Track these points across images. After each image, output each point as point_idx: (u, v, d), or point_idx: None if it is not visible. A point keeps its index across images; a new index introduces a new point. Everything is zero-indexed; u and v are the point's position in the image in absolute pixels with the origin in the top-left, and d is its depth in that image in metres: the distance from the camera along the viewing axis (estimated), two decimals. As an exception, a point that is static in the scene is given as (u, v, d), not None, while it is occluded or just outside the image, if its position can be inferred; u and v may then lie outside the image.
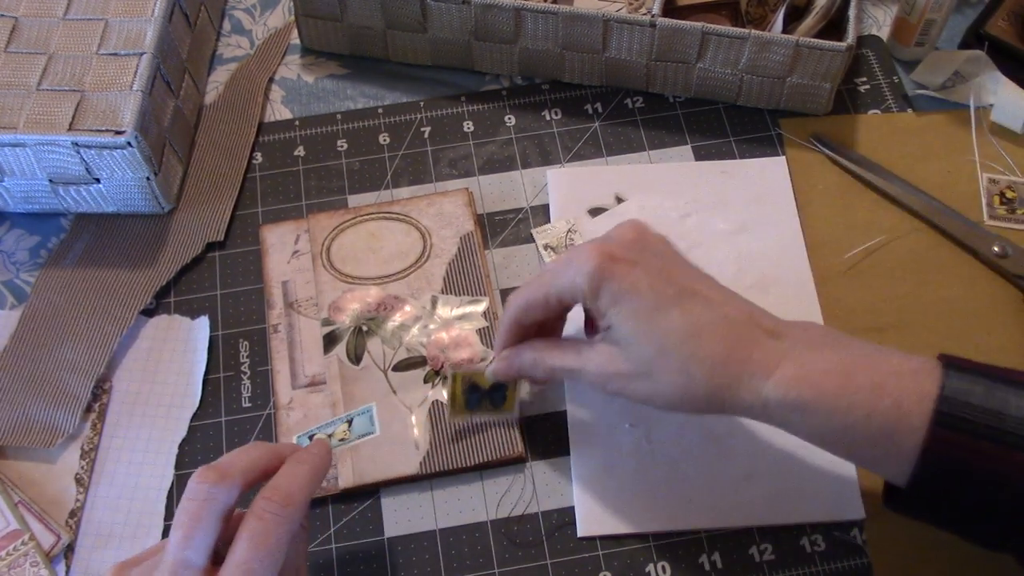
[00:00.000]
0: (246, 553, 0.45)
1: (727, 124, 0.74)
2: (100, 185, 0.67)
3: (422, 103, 0.76)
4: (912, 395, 0.45)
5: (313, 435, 0.61)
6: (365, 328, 0.65)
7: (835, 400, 0.47)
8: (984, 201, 0.70)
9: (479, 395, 0.61)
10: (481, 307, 0.66)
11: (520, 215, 0.71)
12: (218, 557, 0.47)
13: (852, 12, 0.70)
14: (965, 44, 0.77)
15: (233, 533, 0.47)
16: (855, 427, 0.46)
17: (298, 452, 0.52)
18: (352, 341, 0.65)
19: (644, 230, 0.54)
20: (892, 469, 0.47)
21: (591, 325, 0.58)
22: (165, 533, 0.60)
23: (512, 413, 0.61)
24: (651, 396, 0.52)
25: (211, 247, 0.70)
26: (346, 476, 0.60)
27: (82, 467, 0.62)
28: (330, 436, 0.61)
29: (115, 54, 0.67)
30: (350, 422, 0.61)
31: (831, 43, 0.68)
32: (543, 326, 0.58)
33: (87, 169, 0.66)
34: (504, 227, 0.70)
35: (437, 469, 0.61)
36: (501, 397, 0.61)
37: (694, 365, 0.49)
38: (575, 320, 0.60)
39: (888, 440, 0.46)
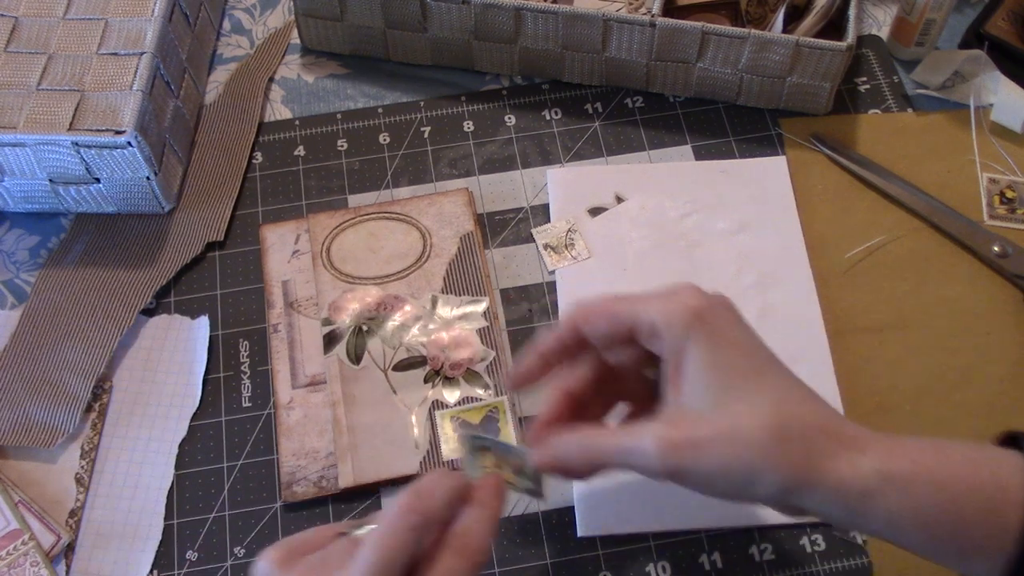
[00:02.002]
0: None
1: (727, 124, 0.74)
2: (100, 185, 0.67)
3: (422, 103, 0.76)
4: (1006, 467, 0.43)
5: (484, 446, 0.51)
6: (365, 328, 0.65)
7: (934, 471, 0.43)
8: (984, 201, 0.70)
9: (472, 431, 0.62)
10: (481, 307, 0.66)
11: (520, 215, 0.71)
12: None
13: (852, 12, 0.70)
14: (965, 44, 0.77)
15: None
16: (959, 502, 0.43)
17: (482, 496, 0.46)
18: (352, 341, 0.65)
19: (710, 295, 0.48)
20: (993, 557, 0.43)
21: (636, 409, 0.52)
22: (165, 533, 0.60)
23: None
24: (725, 468, 0.44)
25: (211, 247, 0.70)
26: (346, 476, 0.60)
27: (82, 467, 0.62)
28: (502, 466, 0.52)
29: (115, 54, 0.67)
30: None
31: (831, 43, 0.68)
32: (579, 405, 0.51)
33: (87, 169, 0.66)
34: (504, 227, 0.70)
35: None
36: (494, 430, 0.62)
37: (793, 430, 0.44)
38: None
39: (992, 516, 0.42)
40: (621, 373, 0.51)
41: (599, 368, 0.51)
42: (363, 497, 0.61)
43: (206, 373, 0.65)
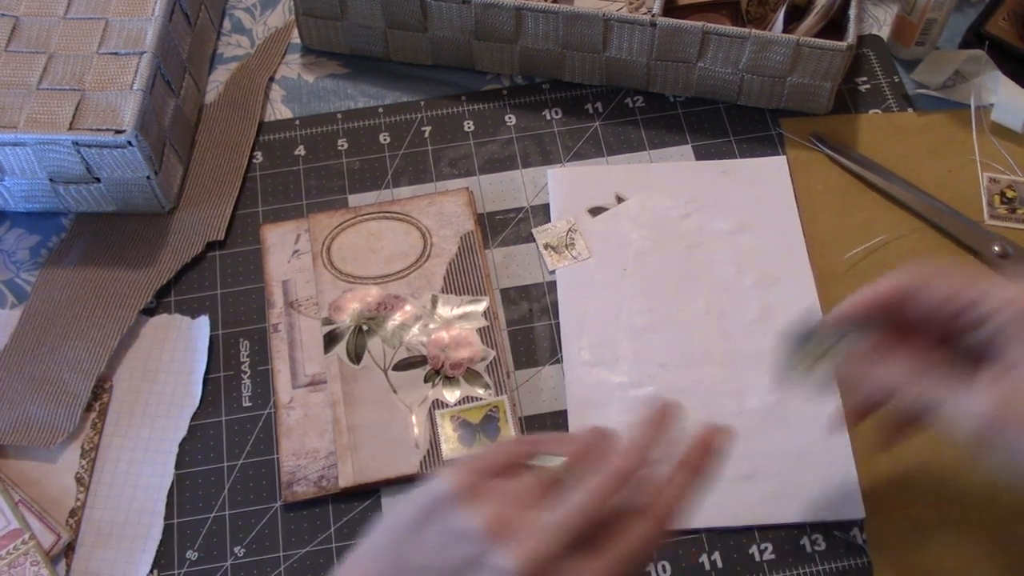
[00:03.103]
0: (630, 548, 0.43)
1: (727, 124, 0.74)
2: (100, 184, 0.67)
3: (422, 103, 0.76)
4: None
5: (807, 335, 0.52)
6: (365, 327, 0.65)
7: None
8: (984, 201, 0.70)
9: (472, 430, 0.62)
10: (481, 306, 0.66)
11: (520, 214, 0.71)
12: None
13: (852, 12, 0.70)
14: (965, 43, 0.77)
15: None
16: None
17: (690, 458, 0.47)
18: (352, 340, 0.65)
19: None
20: None
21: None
22: (165, 533, 0.60)
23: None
24: None
25: (211, 246, 0.70)
26: (346, 476, 0.60)
27: (82, 466, 0.62)
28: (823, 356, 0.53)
29: (115, 53, 0.67)
30: None
31: (831, 43, 0.68)
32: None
33: (87, 168, 0.66)
34: (504, 226, 0.70)
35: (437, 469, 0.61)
36: (494, 429, 0.61)
37: None
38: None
39: None
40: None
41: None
42: (363, 497, 0.61)
43: (206, 373, 0.65)
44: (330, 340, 0.65)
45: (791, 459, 0.61)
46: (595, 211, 0.70)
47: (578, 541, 0.42)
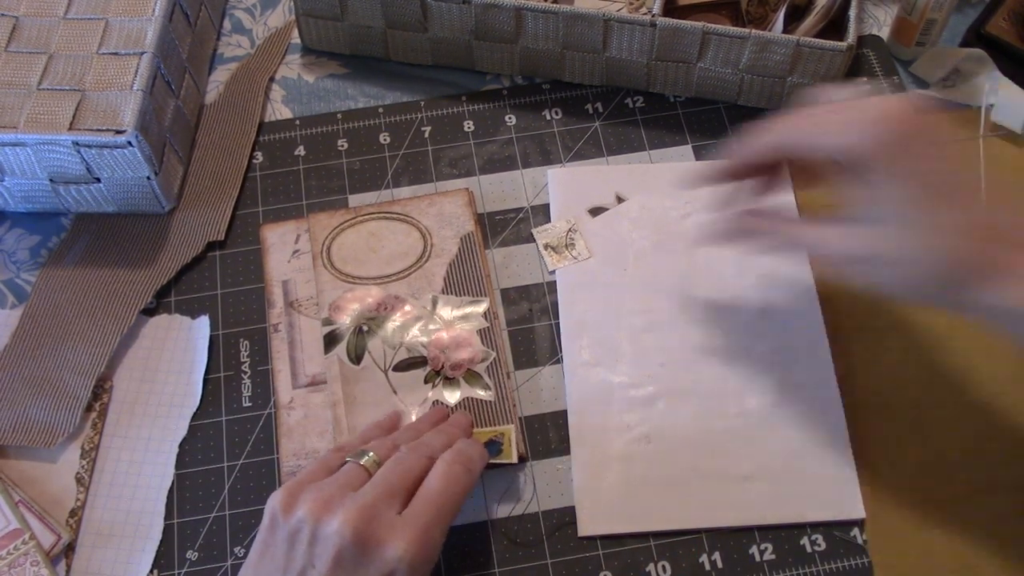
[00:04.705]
0: (439, 484, 0.51)
1: (727, 124, 0.74)
2: (100, 184, 0.67)
3: (422, 103, 0.76)
4: None
5: None
6: (366, 328, 0.65)
7: None
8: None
9: None
10: (482, 307, 0.66)
11: (520, 215, 0.71)
12: None
13: (853, 12, 0.70)
14: (966, 44, 0.77)
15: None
16: None
17: (471, 441, 0.57)
18: (352, 341, 0.65)
19: (921, 118, 0.50)
20: None
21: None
22: (165, 533, 0.60)
23: (511, 460, 0.60)
24: (902, 277, 0.51)
25: (211, 246, 0.70)
26: (346, 476, 0.60)
27: (83, 466, 0.62)
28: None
29: (116, 53, 0.67)
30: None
31: (831, 43, 0.68)
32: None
33: (88, 168, 0.66)
34: (504, 226, 0.70)
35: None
36: (496, 448, 0.60)
37: (952, 243, 0.49)
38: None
39: None
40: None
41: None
42: (363, 497, 0.61)
43: (206, 373, 0.65)
44: (330, 340, 0.65)
45: (791, 459, 0.61)
46: (595, 211, 0.70)
47: (394, 494, 0.50)
